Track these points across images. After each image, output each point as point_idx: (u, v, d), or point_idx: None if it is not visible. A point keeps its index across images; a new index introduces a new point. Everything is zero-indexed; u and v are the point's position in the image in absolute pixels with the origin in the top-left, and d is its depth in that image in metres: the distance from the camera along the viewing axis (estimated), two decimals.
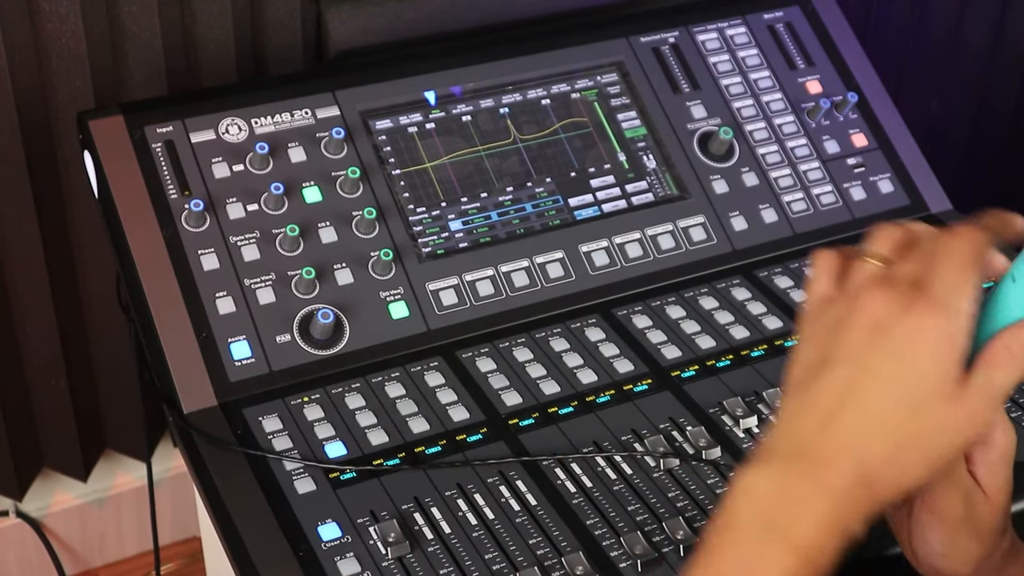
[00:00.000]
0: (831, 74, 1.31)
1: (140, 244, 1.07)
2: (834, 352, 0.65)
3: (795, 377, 0.67)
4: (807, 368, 0.66)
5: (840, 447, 0.63)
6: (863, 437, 0.63)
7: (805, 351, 0.67)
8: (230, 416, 1.01)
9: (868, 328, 0.64)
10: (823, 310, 0.67)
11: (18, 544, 1.56)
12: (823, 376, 0.65)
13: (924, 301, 0.63)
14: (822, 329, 0.66)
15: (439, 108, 1.20)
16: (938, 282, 0.63)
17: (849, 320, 0.65)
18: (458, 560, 0.89)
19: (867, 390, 0.63)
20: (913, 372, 0.63)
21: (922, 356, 0.62)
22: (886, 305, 0.64)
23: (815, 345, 0.66)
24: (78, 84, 1.25)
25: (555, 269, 1.14)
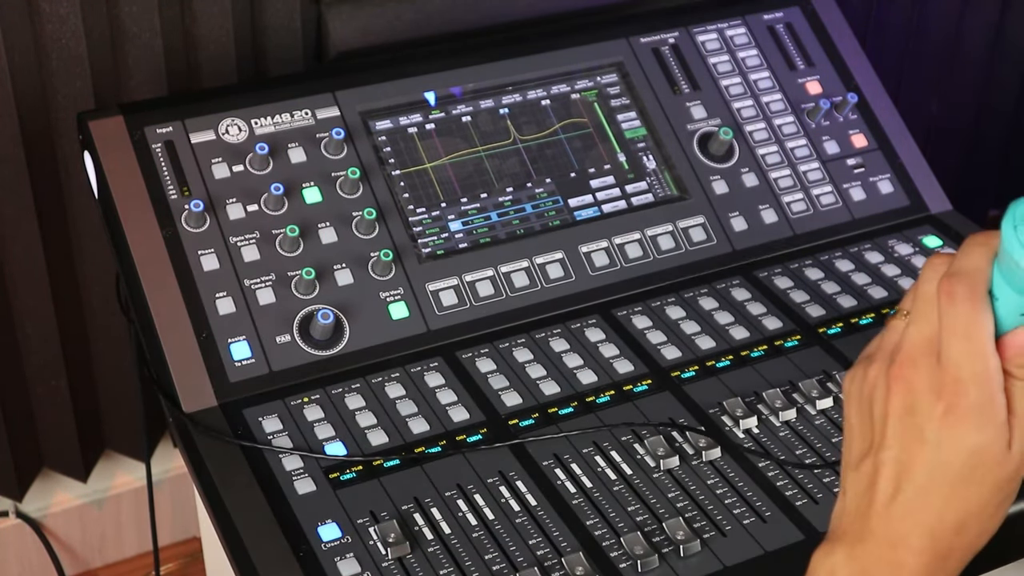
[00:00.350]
0: (831, 75, 1.31)
1: (140, 244, 1.07)
2: (878, 437, 0.67)
3: (852, 457, 0.68)
4: (860, 451, 0.68)
5: (910, 525, 0.65)
6: (928, 513, 0.65)
7: (852, 434, 0.69)
8: (230, 416, 1.01)
9: (902, 414, 0.66)
10: (860, 391, 0.69)
11: (18, 544, 1.56)
12: (876, 459, 0.66)
13: (947, 388, 0.64)
14: (862, 413, 0.68)
15: (439, 109, 1.20)
16: (954, 361, 0.64)
17: (884, 407, 0.66)
18: (458, 560, 0.89)
19: (919, 471, 0.65)
20: (959, 452, 0.64)
21: (963, 435, 0.64)
22: (912, 396, 0.65)
23: (860, 429, 0.68)
24: (78, 85, 1.25)
25: (555, 270, 1.14)
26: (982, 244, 0.66)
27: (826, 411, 1.02)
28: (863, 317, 1.13)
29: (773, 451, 0.98)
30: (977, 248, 0.66)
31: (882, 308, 1.14)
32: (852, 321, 1.12)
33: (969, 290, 0.64)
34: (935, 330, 0.65)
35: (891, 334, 0.68)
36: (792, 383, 1.05)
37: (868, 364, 0.69)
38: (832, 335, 1.11)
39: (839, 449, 0.98)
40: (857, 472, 0.68)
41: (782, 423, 1.01)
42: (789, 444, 0.99)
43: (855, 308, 1.14)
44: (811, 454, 0.98)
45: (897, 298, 1.15)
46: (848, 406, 0.70)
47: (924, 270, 0.68)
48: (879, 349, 0.69)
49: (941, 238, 1.23)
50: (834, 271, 1.19)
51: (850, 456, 0.69)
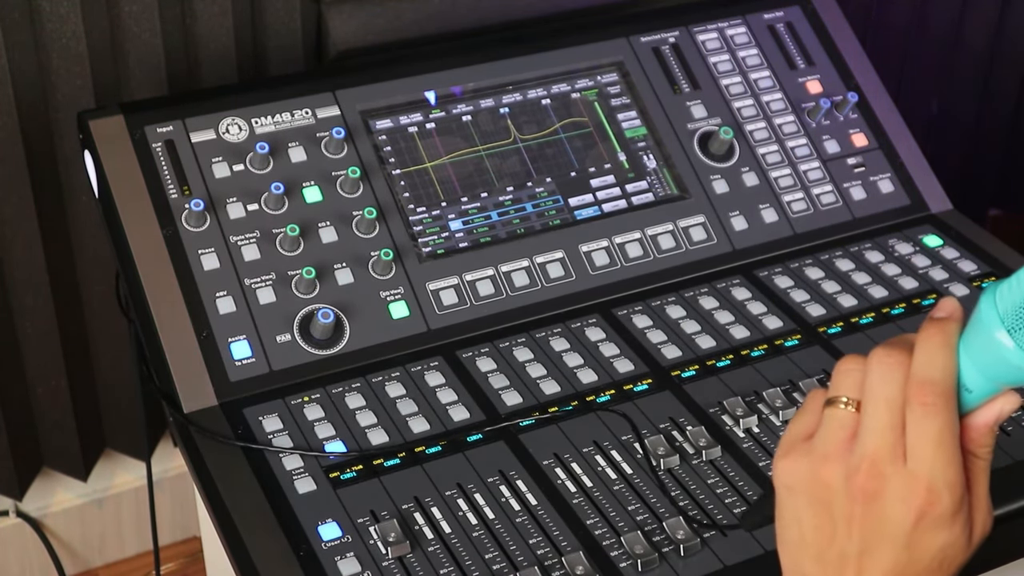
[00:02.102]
0: (831, 74, 1.31)
1: (140, 244, 1.07)
2: (842, 534, 0.66)
3: (807, 547, 0.67)
4: (818, 543, 0.67)
5: None
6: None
7: (803, 526, 0.67)
8: (230, 416, 1.01)
9: (869, 520, 0.65)
10: (811, 490, 0.67)
11: (18, 544, 1.56)
12: (841, 551, 0.66)
13: (918, 496, 0.64)
14: (818, 510, 0.67)
15: (439, 108, 1.20)
16: (926, 469, 0.63)
17: (847, 510, 0.66)
18: (458, 560, 0.89)
19: (888, 568, 0.65)
20: (928, 551, 0.64)
21: (933, 538, 0.64)
22: (880, 505, 0.65)
23: (815, 523, 0.67)
24: (78, 84, 1.25)
25: (555, 269, 1.14)
26: (942, 342, 0.64)
27: None
28: (863, 316, 1.13)
29: (773, 450, 0.98)
30: (939, 348, 0.64)
31: (882, 307, 1.14)
32: (852, 320, 1.12)
33: (945, 400, 0.64)
34: (899, 435, 0.64)
35: (835, 427, 0.66)
36: (792, 382, 1.05)
37: (814, 461, 0.66)
38: (832, 334, 1.11)
39: None
40: (821, 563, 0.67)
41: (782, 422, 1.01)
42: None
43: (855, 307, 1.14)
44: None
45: (897, 297, 1.15)
46: (791, 497, 0.67)
47: (876, 367, 0.65)
48: (825, 444, 0.66)
49: (941, 237, 1.23)
50: (834, 270, 1.19)
51: (803, 545, 0.67)
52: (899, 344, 0.66)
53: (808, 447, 0.67)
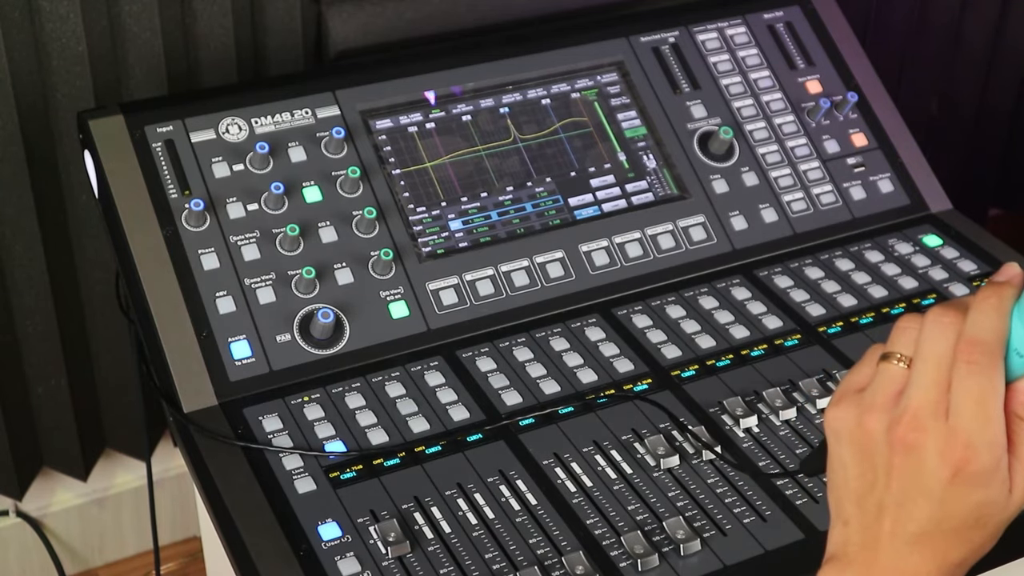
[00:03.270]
0: (831, 74, 1.31)
1: (140, 244, 1.07)
2: (882, 483, 0.67)
3: (850, 491, 0.69)
4: (859, 488, 0.68)
5: (918, 560, 0.67)
6: (935, 552, 0.67)
7: (847, 472, 0.69)
8: (230, 415, 1.01)
9: (908, 471, 0.66)
10: (854, 437, 0.69)
11: (18, 544, 1.56)
12: (880, 500, 0.67)
13: (956, 453, 0.65)
14: (861, 457, 0.68)
15: (439, 108, 1.20)
16: (965, 427, 0.64)
17: (887, 460, 0.67)
18: (458, 559, 0.89)
19: (925, 520, 0.66)
20: (964, 506, 0.66)
21: (968, 493, 0.65)
22: (919, 458, 0.66)
23: (858, 470, 0.68)
24: (78, 84, 1.25)
25: (555, 269, 1.14)
26: (996, 305, 0.65)
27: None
28: (863, 316, 1.13)
29: (773, 450, 0.98)
30: (993, 310, 0.65)
31: (882, 307, 1.14)
32: (852, 320, 1.12)
33: (990, 359, 0.64)
34: (943, 392, 0.65)
35: (886, 381, 0.68)
36: (792, 382, 1.05)
37: (862, 411, 0.68)
38: (832, 334, 1.11)
39: None
40: (860, 508, 0.68)
41: (782, 422, 1.01)
42: (789, 443, 0.99)
43: (855, 307, 1.14)
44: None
45: (897, 297, 1.15)
46: (838, 444, 0.69)
47: (930, 326, 0.66)
48: (874, 396, 0.68)
49: (941, 237, 1.23)
50: (834, 270, 1.19)
51: (847, 490, 0.69)
52: (956, 305, 0.67)
53: (858, 398, 0.69)
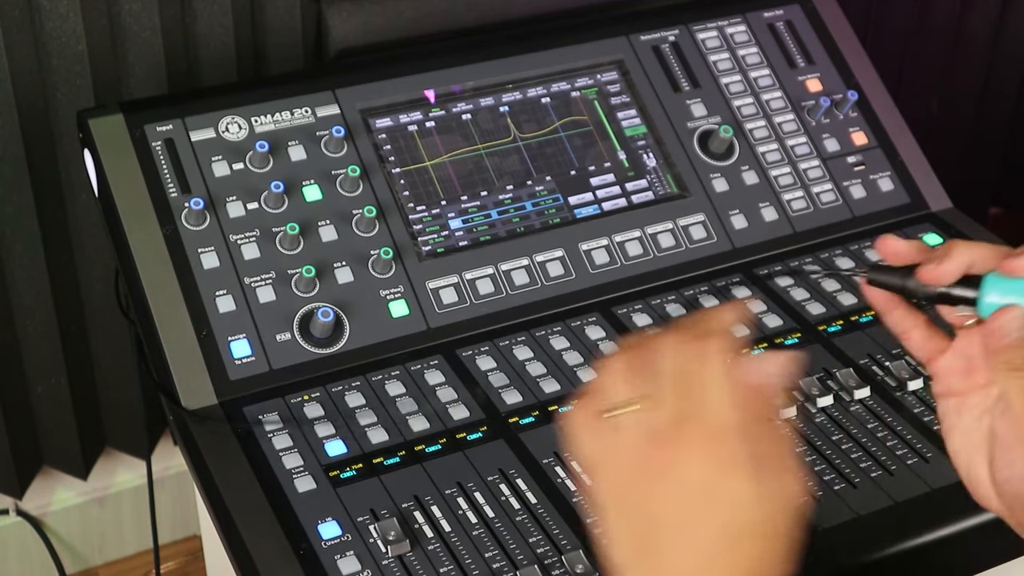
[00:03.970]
0: (831, 72, 1.31)
1: (140, 242, 1.07)
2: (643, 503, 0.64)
3: (613, 498, 0.65)
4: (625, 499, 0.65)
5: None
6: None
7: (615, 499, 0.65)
8: (230, 414, 1.01)
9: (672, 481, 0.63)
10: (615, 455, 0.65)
11: (18, 543, 1.56)
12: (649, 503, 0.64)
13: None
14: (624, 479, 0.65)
15: (439, 106, 1.20)
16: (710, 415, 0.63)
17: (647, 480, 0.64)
18: (458, 558, 0.89)
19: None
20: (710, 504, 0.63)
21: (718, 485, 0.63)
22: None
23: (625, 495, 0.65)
24: (78, 83, 1.25)
25: (555, 267, 1.14)
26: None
27: (826, 409, 1.02)
28: (863, 315, 1.13)
29: None
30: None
31: None
32: (852, 319, 1.12)
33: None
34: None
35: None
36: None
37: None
38: (832, 333, 1.11)
39: (840, 447, 0.98)
40: (625, 514, 0.65)
41: (782, 421, 1.01)
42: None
43: (855, 306, 1.14)
44: (811, 451, 0.98)
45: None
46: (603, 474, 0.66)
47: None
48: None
49: (941, 236, 1.23)
50: (834, 269, 1.19)
51: (611, 498, 0.66)
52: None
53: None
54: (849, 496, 0.94)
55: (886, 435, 1.00)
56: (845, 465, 0.97)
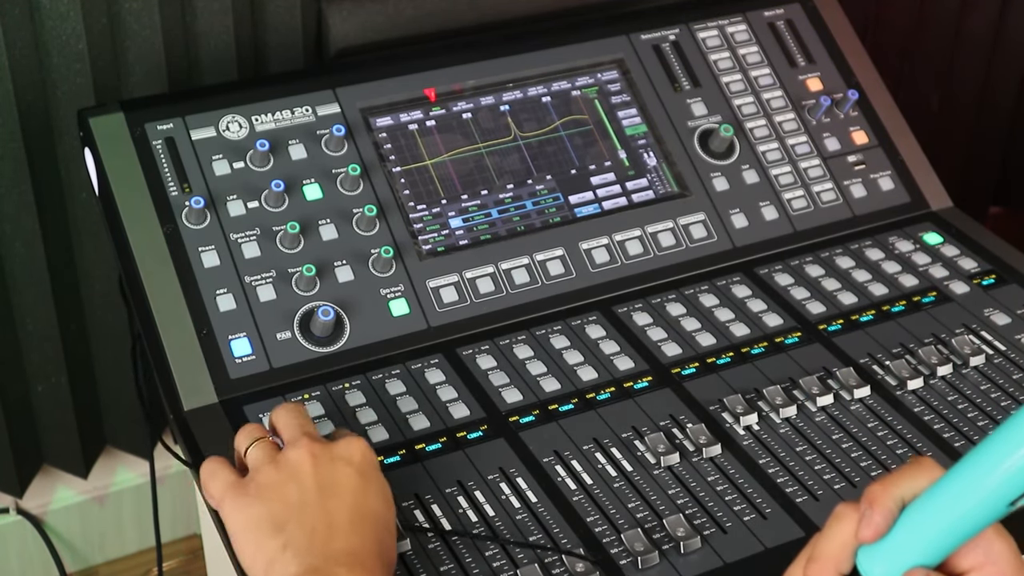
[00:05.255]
0: (832, 71, 1.31)
1: (140, 241, 1.07)
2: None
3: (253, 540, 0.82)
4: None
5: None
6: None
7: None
8: (230, 413, 1.01)
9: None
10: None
11: (19, 541, 1.56)
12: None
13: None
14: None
15: (439, 105, 1.20)
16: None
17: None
18: (459, 557, 0.89)
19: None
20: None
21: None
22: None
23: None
24: (79, 81, 1.25)
25: (555, 266, 1.14)
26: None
27: (826, 408, 1.02)
28: (864, 314, 1.13)
29: (774, 448, 0.98)
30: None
31: (882, 305, 1.14)
32: (852, 318, 1.12)
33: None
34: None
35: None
36: (793, 380, 1.05)
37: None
38: (833, 332, 1.11)
39: (840, 446, 0.99)
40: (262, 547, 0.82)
41: (782, 420, 1.01)
42: (789, 441, 0.99)
43: (856, 305, 1.14)
44: (811, 451, 0.98)
45: (898, 295, 1.15)
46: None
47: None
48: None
49: (942, 235, 1.23)
50: (835, 268, 1.19)
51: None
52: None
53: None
54: (849, 495, 0.94)
55: (886, 434, 1.00)
56: (845, 464, 0.97)
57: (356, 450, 0.85)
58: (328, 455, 0.84)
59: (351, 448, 0.85)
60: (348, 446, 0.85)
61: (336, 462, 0.84)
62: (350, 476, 0.83)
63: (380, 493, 0.85)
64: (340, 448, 0.85)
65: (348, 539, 0.80)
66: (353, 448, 0.85)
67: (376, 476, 0.85)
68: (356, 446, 0.86)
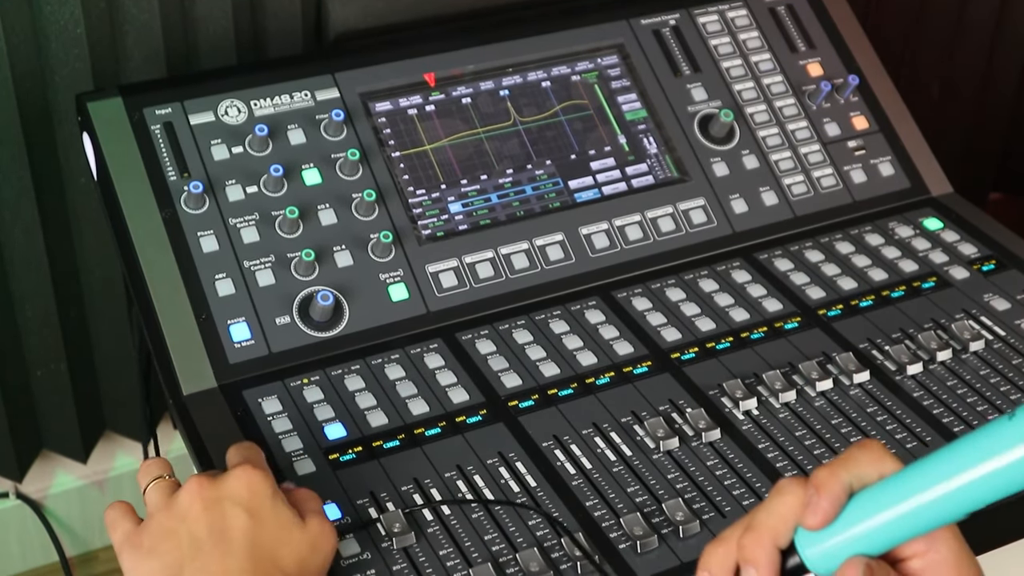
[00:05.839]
0: (832, 56, 1.31)
1: (139, 226, 1.07)
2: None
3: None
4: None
5: None
6: None
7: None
8: (230, 398, 1.01)
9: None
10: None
11: (19, 526, 1.56)
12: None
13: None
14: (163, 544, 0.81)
15: (439, 90, 1.19)
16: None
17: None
18: (458, 541, 0.89)
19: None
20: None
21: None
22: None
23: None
24: (77, 66, 1.25)
25: (555, 251, 1.14)
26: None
27: (826, 393, 1.02)
28: (863, 299, 1.13)
29: (773, 432, 0.98)
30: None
31: (882, 290, 1.14)
32: (852, 303, 1.12)
33: None
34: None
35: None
36: (792, 365, 1.05)
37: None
38: (832, 317, 1.11)
39: (839, 431, 0.99)
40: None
41: (782, 405, 1.01)
42: (789, 426, 0.99)
43: (855, 290, 1.14)
44: (811, 435, 0.98)
45: (897, 280, 1.15)
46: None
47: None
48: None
49: (942, 220, 1.23)
50: (834, 253, 1.18)
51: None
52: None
53: None
54: None
55: (885, 419, 1.00)
56: (844, 449, 0.97)
57: (243, 486, 0.81)
58: (215, 495, 0.81)
59: (239, 485, 0.81)
60: (237, 482, 0.82)
61: (223, 503, 0.80)
62: (238, 518, 0.80)
63: (276, 526, 0.81)
64: (228, 486, 0.81)
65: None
66: (240, 485, 0.81)
67: (269, 509, 0.81)
68: (243, 481, 0.81)
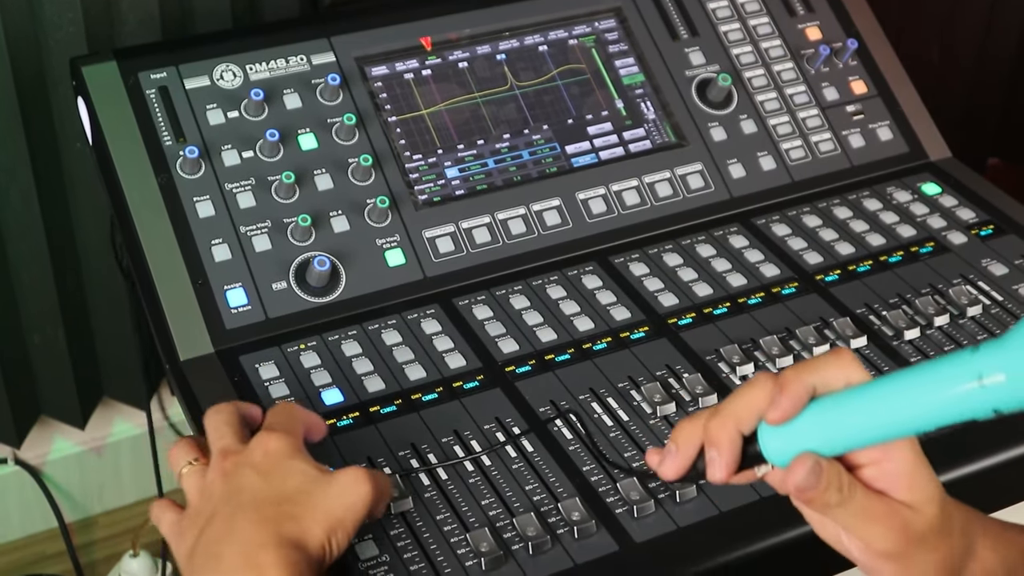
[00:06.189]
0: (831, 20, 1.30)
1: (135, 191, 1.06)
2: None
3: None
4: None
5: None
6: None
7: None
8: (227, 363, 1.01)
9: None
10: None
11: (17, 492, 1.57)
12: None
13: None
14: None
15: (435, 54, 1.19)
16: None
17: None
18: (455, 506, 0.89)
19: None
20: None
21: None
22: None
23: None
24: (71, 30, 1.24)
25: (552, 216, 1.14)
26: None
27: None
28: (861, 264, 1.13)
29: None
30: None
31: (880, 255, 1.14)
32: (850, 268, 1.12)
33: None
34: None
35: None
36: (789, 330, 1.05)
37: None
38: (830, 282, 1.10)
39: None
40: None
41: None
42: None
43: (853, 255, 1.14)
44: None
45: (895, 245, 1.15)
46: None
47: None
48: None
49: (940, 185, 1.23)
50: (832, 218, 1.18)
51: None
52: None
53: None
54: None
55: None
56: None
57: (259, 451, 0.82)
58: (233, 466, 0.82)
59: (256, 451, 0.82)
60: (253, 449, 0.82)
61: (240, 469, 0.81)
62: (248, 478, 0.81)
63: (290, 479, 0.81)
64: (244, 455, 0.82)
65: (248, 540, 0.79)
66: (257, 451, 0.82)
67: (283, 467, 0.81)
68: (260, 447, 0.82)
